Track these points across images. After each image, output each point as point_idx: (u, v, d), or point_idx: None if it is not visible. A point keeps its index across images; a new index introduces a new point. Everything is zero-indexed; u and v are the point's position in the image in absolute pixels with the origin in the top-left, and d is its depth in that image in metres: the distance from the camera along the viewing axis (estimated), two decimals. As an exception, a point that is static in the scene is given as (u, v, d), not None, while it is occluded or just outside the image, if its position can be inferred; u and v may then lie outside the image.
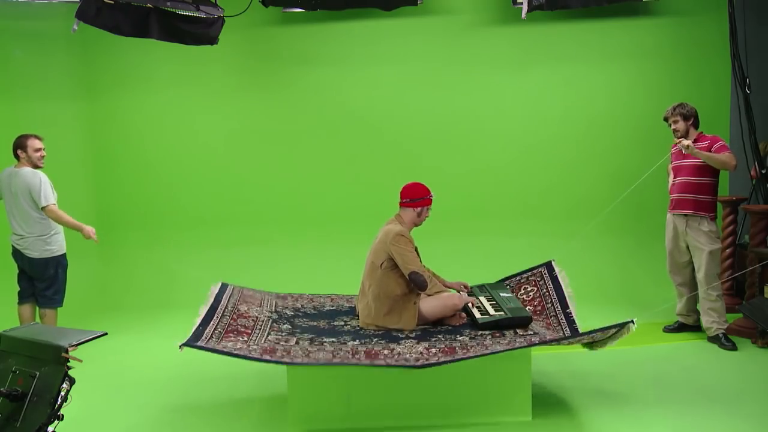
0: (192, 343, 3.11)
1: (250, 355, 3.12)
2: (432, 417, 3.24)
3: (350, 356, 3.16)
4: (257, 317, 3.72)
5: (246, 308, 3.78)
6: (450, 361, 3.04)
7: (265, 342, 3.39)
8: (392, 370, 3.13)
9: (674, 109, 4.48)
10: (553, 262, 4.13)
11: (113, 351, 4.57)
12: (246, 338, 3.37)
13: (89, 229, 4.36)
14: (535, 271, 4.19)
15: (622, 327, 3.00)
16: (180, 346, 3.05)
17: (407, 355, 3.13)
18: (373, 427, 3.21)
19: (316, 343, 3.41)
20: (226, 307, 3.73)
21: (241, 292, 4.11)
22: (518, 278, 4.28)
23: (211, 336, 3.27)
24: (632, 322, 2.98)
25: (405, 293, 3.65)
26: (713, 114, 5.32)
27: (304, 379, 3.22)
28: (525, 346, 3.12)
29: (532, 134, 6.33)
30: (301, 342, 3.43)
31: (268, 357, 3.12)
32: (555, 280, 3.97)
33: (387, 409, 3.23)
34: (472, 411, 3.24)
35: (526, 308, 3.84)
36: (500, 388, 3.23)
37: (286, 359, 3.10)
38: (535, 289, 4.07)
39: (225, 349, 3.13)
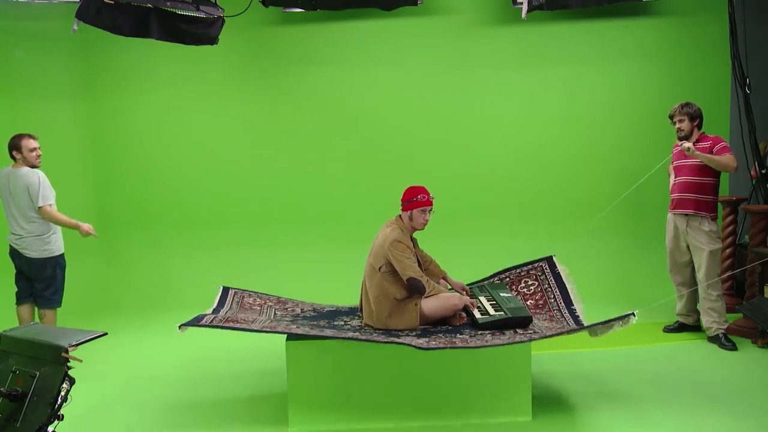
0: (193, 323, 3.25)
1: (251, 328, 3.27)
2: (432, 417, 3.24)
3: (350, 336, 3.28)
4: (257, 318, 3.75)
5: (244, 316, 3.80)
6: (452, 348, 3.07)
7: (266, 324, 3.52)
8: (392, 370, 3.15)
9: (681, 107, 4.44)
10: (554, 258, 4.11)
11: (113, 351, 4.57)
12: (247, 325, 3.45)
13: (86, 226, 4.35)
14: (535, 265, 4.17)
15: (623, 319, 3.02)
16: (180, 326, 3.18)
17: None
18: (373, 427, 3.21)
19: (316, 329, 3.47)
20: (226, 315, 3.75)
21: (241, 301, 4.12)
22: (518, 271, 4.25)
23: (212, 322, 3.35)
24: (633, 314, 3.00)
25: (405, 296, 3.64)
26: (713, 114, 5.31)
27: (304, 378, 3.23)
28: (526, 341, 3.13)
29: (532, 134, 6.33)
30: (302, 328, 3.49)
31: (267, 329, 3.28)
32: (557, 276, 3.97)
33: (387, 409, 3.23)
34: (472, 411, 3.24)
35: (527, 302, 3.84)
36: (500, 388, 3.24)
37: (285, 330, 3.27)
38: (536, 283, 4.06)
39: (225, 324, 3.27)
